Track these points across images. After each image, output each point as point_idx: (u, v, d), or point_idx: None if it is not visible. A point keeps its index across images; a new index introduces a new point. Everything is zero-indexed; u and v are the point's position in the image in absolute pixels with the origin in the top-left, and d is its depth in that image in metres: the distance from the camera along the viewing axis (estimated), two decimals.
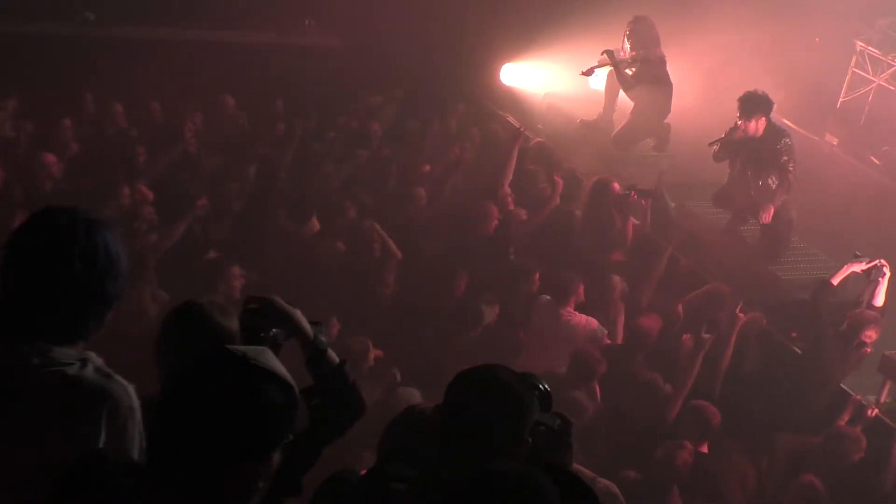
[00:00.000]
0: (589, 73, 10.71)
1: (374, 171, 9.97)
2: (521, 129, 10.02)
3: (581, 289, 7.79)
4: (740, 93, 9.08)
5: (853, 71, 12.26)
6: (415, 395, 5.93)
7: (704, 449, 6.68)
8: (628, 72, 10.62)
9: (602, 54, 10.62)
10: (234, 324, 3.39)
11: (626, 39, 10.65)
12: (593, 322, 7.63)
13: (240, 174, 9.09)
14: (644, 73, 10.60)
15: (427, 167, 9.85)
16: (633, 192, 8.95)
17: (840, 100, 12.37)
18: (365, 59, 11.89)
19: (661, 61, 10.68)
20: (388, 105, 11.54)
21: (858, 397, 7.46)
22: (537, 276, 8.19)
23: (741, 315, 7.73)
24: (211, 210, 8.30)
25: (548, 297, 7.77)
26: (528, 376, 3.34)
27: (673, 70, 10.71)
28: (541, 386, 3.33)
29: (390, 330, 7.44)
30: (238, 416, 2.45)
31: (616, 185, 9.11)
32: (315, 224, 8.64)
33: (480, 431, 3.04)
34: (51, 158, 8.41)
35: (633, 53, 10.61)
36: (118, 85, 10.06)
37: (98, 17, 11.41)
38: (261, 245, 8.35)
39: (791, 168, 9.04)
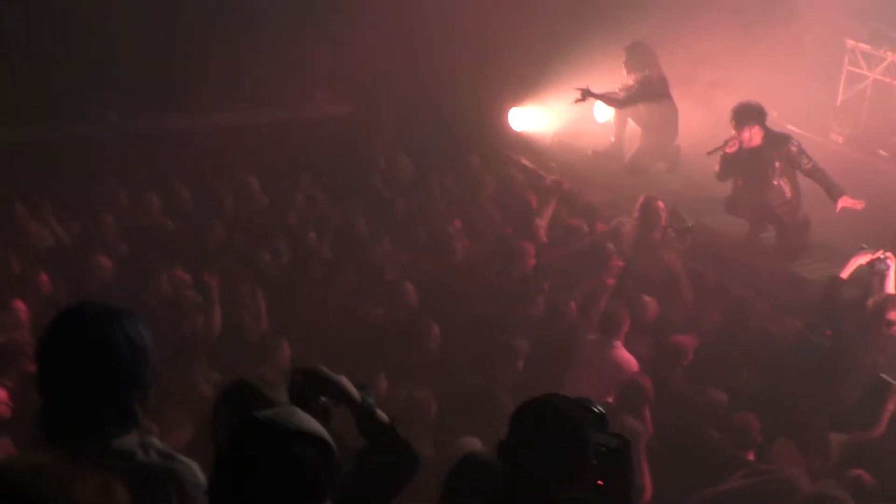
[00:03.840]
0: (580, 101, 10.77)
1: (405, 227, 10.03)
2: (561, 182, 9.98)
3: (628, 319, 7.79)
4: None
5: (848, 69, 12.26)
6: (474, 444, 5.88)
7: (751, 457, 6.64)
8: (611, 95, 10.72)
9: (579, 89, 10.71)
10: (283, 396, 3.42)
11: (624, 66, 10.75)
12: (635, 363, 7.58)
13: (271, 246, 9.18)
14: (647, 96, 10.65)
15: (458, 222, 9.87)
16: (669, 229, 8.98)
17: (839, 98, 12.38)
18: (376, 121, 12.00)
19: (663, 82, 10.73)
20: (404, 161, 11.59)
21: None
22: (573, 306, 8.23)
23: None
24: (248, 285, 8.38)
25: (594, 337, 7.77)
26: (583, 401, 3.38)
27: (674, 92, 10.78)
28: (595, 409, 3.35)
29: (437, 376, 7.43)
30: (276, 478, 2.49)
31: (661, 203, 9.13)
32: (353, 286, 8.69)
33: (545, 459, 3.08)
34: (105, 261, 8.53)
35: (632, 78, 10.68)
36: (143, 177, 10.20)
37: (119, 113, 11.61)
38: (302, 314, 8.39)
39: (810, 166, 9.02)
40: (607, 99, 10.93)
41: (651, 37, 10.95)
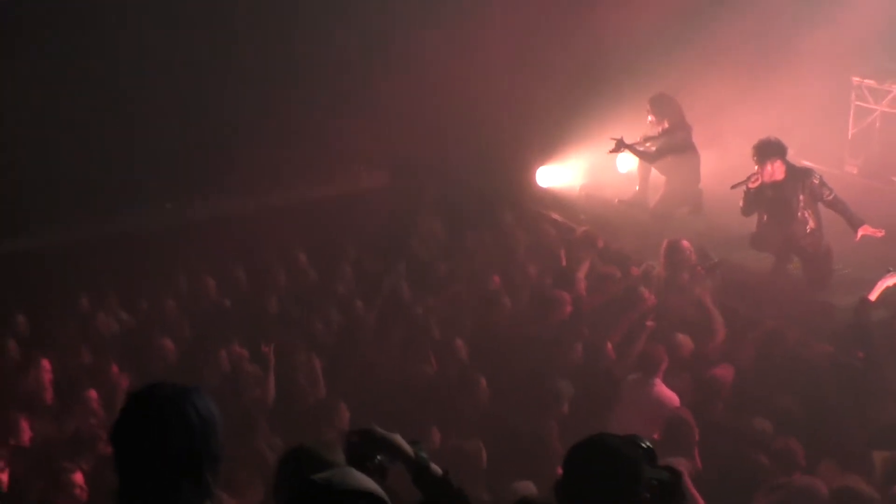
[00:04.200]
0: (615, 151, 10.83)
1: (448, 287, 10.11)
2: (595, 236, 10.03)
3: (666, 358, 7.76)
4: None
5: (855, 104, 12.26)
6: (529, 487, 5.87)
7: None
8: (645, 148, 10.76)
9: (613, 139, 10.75)
10: (341, 458, 3.45)
11: (650, 115, 10.83)
12: (676, 399, 7.56)
13: (323, 316, 9.27)
14: (673, 146, 10.71)
15: (497, 279, 9.92)
16: (699, 267, 8.96)
17: (850, 132, 12.35)
18: (413, 190, 12.14)
19: (687, 131, 10.79)
20: (438, 225, 11.68)
21: None
22: (609, 347, 8.23)
23: None
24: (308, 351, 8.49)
25: (635, 376, 7.76)
26: (632, 437, 3.37)
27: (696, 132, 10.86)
28: (644, 444, 3.35)
29: (487, 426, 7.44)
30: None
31: (686, 243, 9.12)
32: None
33: (600, 496, 3.09)
34: (168, 344, 8.67)
35: (658, 129, 10.75)
36: (200, 260, 10.39)
37: (174, 202, 11.86)
38: (357, 377, 8.44)
39: (831, 198, 9.00)
40: (639, 152, 11.00)
41: (665, 82, 11.03)
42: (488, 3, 11.81)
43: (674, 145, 10.82)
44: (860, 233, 8.93)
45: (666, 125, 10.83)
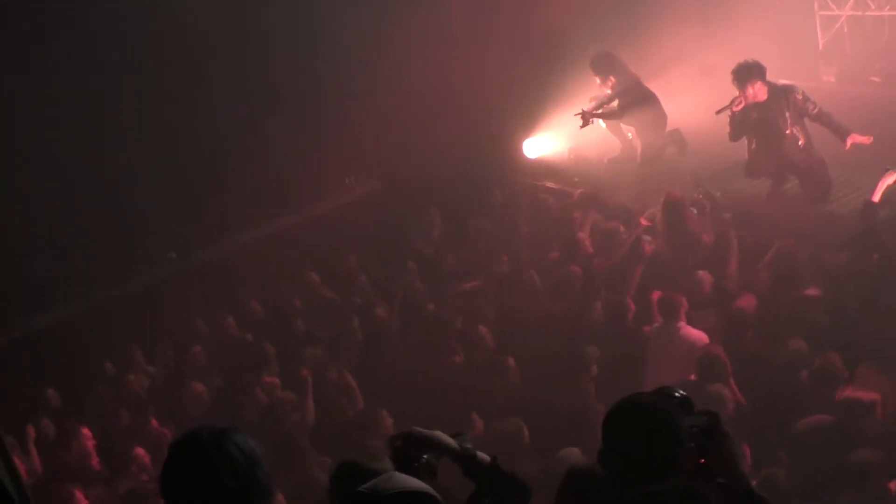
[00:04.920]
0: (585, 125, 10.91)
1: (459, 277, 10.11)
2: (594, 192, 10.00)
3: (685, 301, 7.77)
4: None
5: (819, 14, 12.21)
6: (574, 454, 5.87)
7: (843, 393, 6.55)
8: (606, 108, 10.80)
9: (577, 115, 10.86)
10: (388, 465, 3.46)
11: (596, 77, 10.87)
12: (704, 336, 7.55)
13: (346, 329, 9.30)
14: (629, 99, 10.73)
15: (504, 258, 9.91)
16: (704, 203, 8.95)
17: (820, 42, 12.31)
18: (406, 188, 12.13)
19: (636, 81, 10.82)
20: (436, 216, 11.68)
21: None
22: (630, 303, 8.22)
23: None
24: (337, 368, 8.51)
25: (659, 324, 7.77)
26: (663, 389, 3.37)
27: (664, 78, 10.82)
28: (676, 394, 3.34)
29: (524, 403, 7.45)
30: None
31: (677, 192, 9.12)
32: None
33: (643, 455, 3.07)
34: (199, 387, 8.72)
35: (607, 87, 10.78)
36: (215, 301, 10.43)
37: (178, 251, 11.89)
38: (391, 382, 8.46)
39: (816, 111, 8.98)
40: (604, 114, 11.04)
41: (627, 38, 11.02)
42: None
43: (630, 96, 10.84)
44: (849, 142, 8.91)
45: (613, 80, 10.86)
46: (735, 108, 9.11)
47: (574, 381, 7.30)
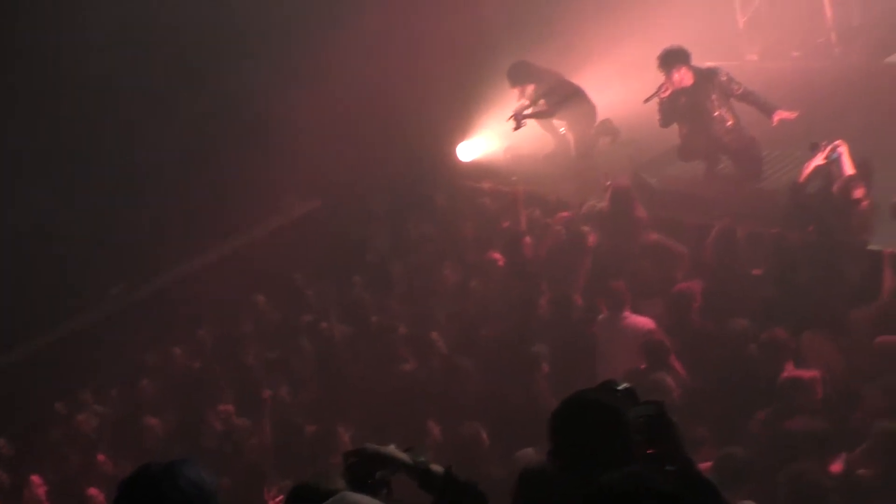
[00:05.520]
0: (518, 127, 11.03)
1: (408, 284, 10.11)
2: (517, 190, 10.03)
3: (628, 291, 7.82)
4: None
5: None
6: (529, 454, 5.88)
7: (790, 366, 6.64)
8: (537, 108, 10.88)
9: (509, 119, 10.98)
10: (342, 484, 3.43)
11: (514, 88, 10.97)
12: (650, 323, 7.62)
13: (296, 347, 9.24)
14: (556, 97, 10.83)
15: (450, 263, 9.92)
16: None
17: (740, 21, 12.49)
18: (347, 203, 12.10)
19: (559, 79, 10.91)
20: (380, 227, 11.67)
21: (889, 250, 7.42)
22: (578, 297, 8.27)
23: None
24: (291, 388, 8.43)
25: (605, 315, 7.83)
26: (605, 383, 3.38)
27: (590, 69, 10.93)
28: (619, 387, 3.36)
29: (481, 406, 7.46)
30: None
31: (624, 181, 9.25)
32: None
33: (592, 451, 3.07)
34: (152, 421, 8.64)
35: (526, 96, 10.89)
36: (161, 332, 10.28)
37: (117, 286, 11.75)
38: (346, 396, 8.42)
39: (741, 91, 9.09)
40: (535, 115, 11.13)
41: (549, 35, 11.13)
42: (382, 6, 11.75)
43: (557, 94, 10.96)
44: (775, 118, 9.03)
45: (532, 87, 10.97)
46: (662, 95, 9.20)
47: (526, 380, 7.31)
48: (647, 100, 9.33)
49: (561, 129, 11.39)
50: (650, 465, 3.13)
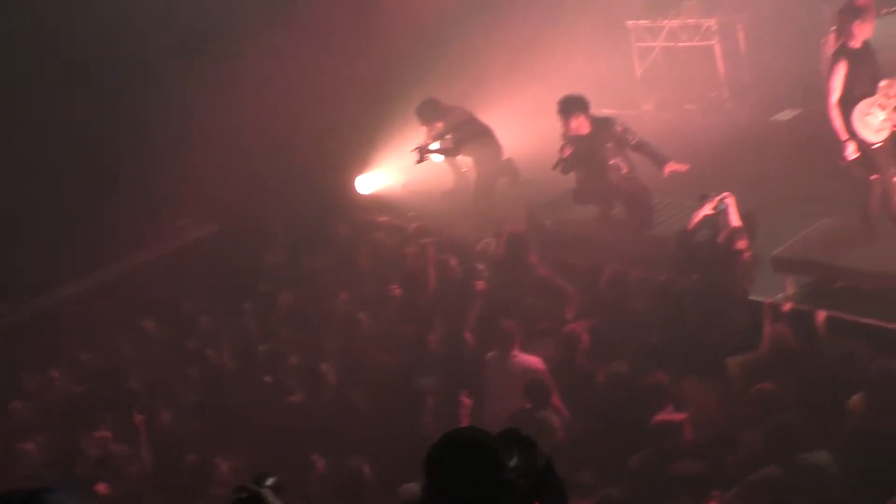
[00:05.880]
0: (421, 161, 11.15)
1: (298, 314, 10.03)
2: (431, 231, 10.09)
3: (517, 330, 7.91)
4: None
5: (636, 45, 12.78)
6: (412, 489, 5.86)
7: (671, 408, 6.80)
8: (440, 144, 11.03)
9: (413, 151, 11.10)
10: None
11: (424, 125, 11.11)
12: (539, 363, 7.70)
13: (180, 373, 9.08)
14: (464, 134, 10.97)
15: (343, 295, 9.88)
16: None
17: (638, 72, 12.87)
18: (243, 230, 11.97)
19: (469, 117, 11.07)
20: (274, 254, 11.57)
21: (769, 300, 7.68)
22: (469, 336, 8.33)
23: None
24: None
25: (493, 353, 7.89)
26: (507, 432, 3.32)
27: (495, 110, 11.12)
28: (516, 436, 3.30)
29: (364, 434, 7.44)
30: None
31: (518, 227, 9.41)
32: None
33: (464, 487, 3.00)
34: (28, 446, 8.40)
35: (435, 133, 11.03)
36: (42, 354, 9.98)
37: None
38: (229, 426, 8.30)
39: (636, 142, 9.34)
40: (441, 150, 11.26)
41: (455, 76, 11.27)
42: (281, 37, 11.72)
43: (465, 131, 11.10)
44: (667, 170, 9.27)
45: (440, 125, 11.12)
46: (565, 155, 9.39)
47: (413, 414, 7.32)
48: (554, 167, 9.49)
49: (463, 168, 11.51)
50: None
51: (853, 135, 8.00)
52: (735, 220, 8.22)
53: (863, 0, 8.13)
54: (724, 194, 8.31)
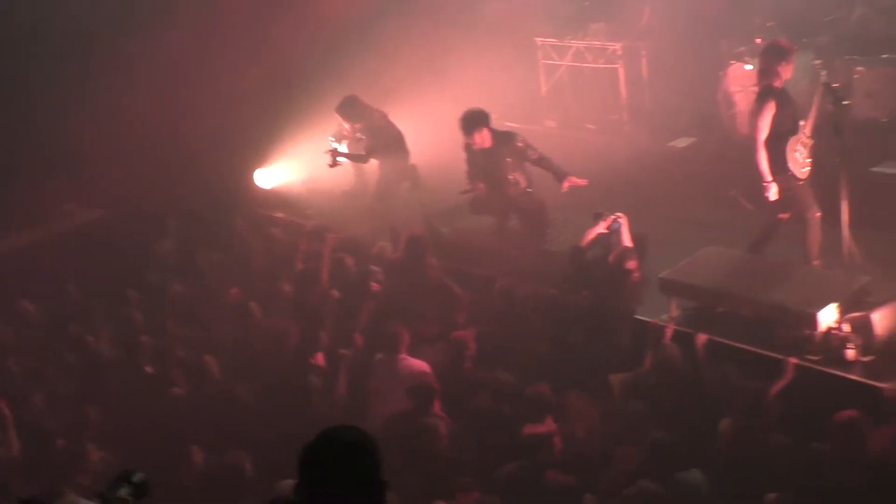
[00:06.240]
0: (334, 165, 11.14)
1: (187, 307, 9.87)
2: (328, 231, 10.04)
3: (405, 334, 7.95)
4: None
5: (543, 62, 12.98)
6: (289, 485, 5.83)
7: (550, 420, 6.93)
8: (354, 149, 11.03)
9: (326, 152, 11.11)
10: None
11: (344, 122, 11.11)
12: (425, 365, 7.77)
13: (58, 359, 8.89)
14: (378, 140, 11.00)
15: (235, 290, 9.75)
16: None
17: (543, 89, 13.07)
18: (132, 217, 11.71)
19: (385, 121, 11.10)
20: (165, 245, 11.35)
21: (655, 321, 7.90)
22: (358, 337, 8.34)
23: None
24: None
25: (381, 355, 7.92)
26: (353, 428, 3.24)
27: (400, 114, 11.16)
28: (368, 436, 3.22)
29: (248, 429, 7.38)
30: None
31: (419, 230, 9.53)
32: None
33: (333, 486, 2.98)
34: None
35: (356, 130, 11.03)
36: None
37: None
38: (105, 413, 8.10)
39: (536, 157, 9.48)
40: (353, 156, 11.26)
41: (356, 79, 11.28)
42: (179, 22, 11.52)
43: (380, 137, 11.12)
44: (566, 184, 9.45)
45: (359, 125, 11.14)
46: (477, 191, 9.57)
47: (297, 411, 7.28)
48: (462, 192, 9.66)
49: (365, 170, 11.51)
50: None
51: (779, 173, 8.22)
52: (627, 240, 8.43)
53: (786, 42, 8.48)
54: (618, 214, 8.53)
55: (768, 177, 8.24)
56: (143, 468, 3.36)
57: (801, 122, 8.34)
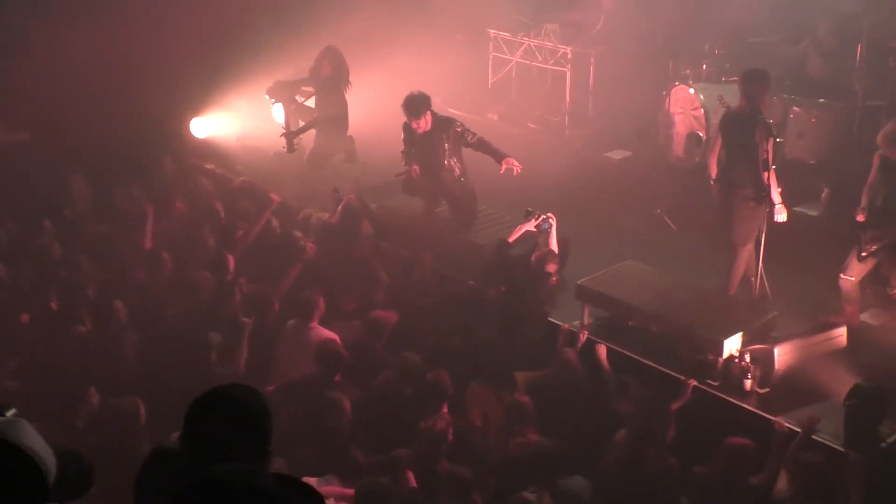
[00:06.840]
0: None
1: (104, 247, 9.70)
2: (275, 198, 9.93)
3: (322, 302, 7.95)
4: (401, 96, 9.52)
5: (493, 55, 13.05)
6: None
7: (445, 408, 7.03)
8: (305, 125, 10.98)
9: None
10: None
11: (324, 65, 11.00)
12: (336, 337, 7.79)
13: None
14: (325, 110, 10.97)
15: (148, 243, 9.59)
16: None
17: (490, 81, 13.14)
18: (57, 146, 11.45)
19: (330, 80, 11.01)
20: (81, 182, 11.08)
21: (567, 326, 8.04)
22: (276, 303, 8.32)
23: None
24: None
25: (293, 322, 7.93)
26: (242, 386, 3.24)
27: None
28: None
29: (145, 377, 7.31)
30: None
31: (357, 200, 9.56)
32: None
33: (214, 439, 2.98)
34: None
35: (322, 74, 10.94)
36: None
37: None
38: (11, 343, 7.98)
39: (475, 140, 9.53)
40: (306, 129, 11.15)
41: (314, 44, 11.20)
42: None
43: (326, 101, 11.05)
44: (504, 165, 9.49)
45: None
46: (410, 172, 9.62)
47: (195, 365, 7.26)
48: (398, 175, 9.72)
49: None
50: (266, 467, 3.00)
51: (765, 199, 8.29)
52: (553, 242, 8.56)
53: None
54: (549, 214, 8.65)
55: (779, 199, 8.38)
56: (40, 402, 3.33)
57: None
